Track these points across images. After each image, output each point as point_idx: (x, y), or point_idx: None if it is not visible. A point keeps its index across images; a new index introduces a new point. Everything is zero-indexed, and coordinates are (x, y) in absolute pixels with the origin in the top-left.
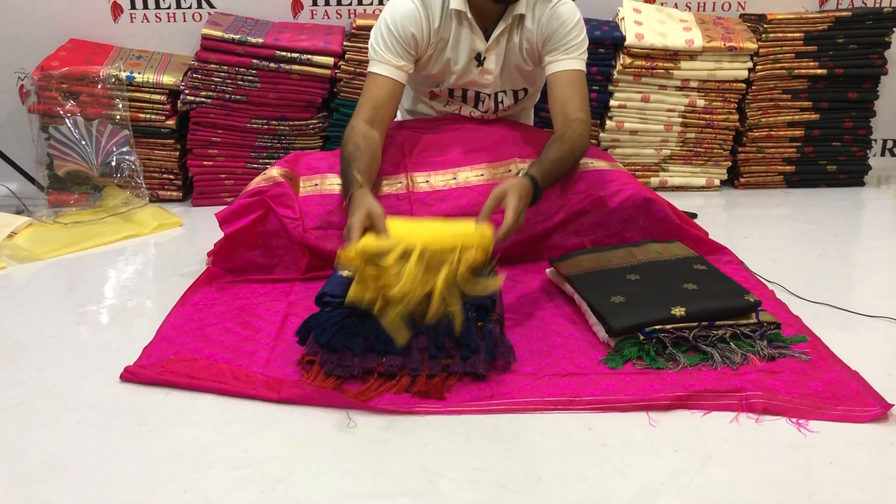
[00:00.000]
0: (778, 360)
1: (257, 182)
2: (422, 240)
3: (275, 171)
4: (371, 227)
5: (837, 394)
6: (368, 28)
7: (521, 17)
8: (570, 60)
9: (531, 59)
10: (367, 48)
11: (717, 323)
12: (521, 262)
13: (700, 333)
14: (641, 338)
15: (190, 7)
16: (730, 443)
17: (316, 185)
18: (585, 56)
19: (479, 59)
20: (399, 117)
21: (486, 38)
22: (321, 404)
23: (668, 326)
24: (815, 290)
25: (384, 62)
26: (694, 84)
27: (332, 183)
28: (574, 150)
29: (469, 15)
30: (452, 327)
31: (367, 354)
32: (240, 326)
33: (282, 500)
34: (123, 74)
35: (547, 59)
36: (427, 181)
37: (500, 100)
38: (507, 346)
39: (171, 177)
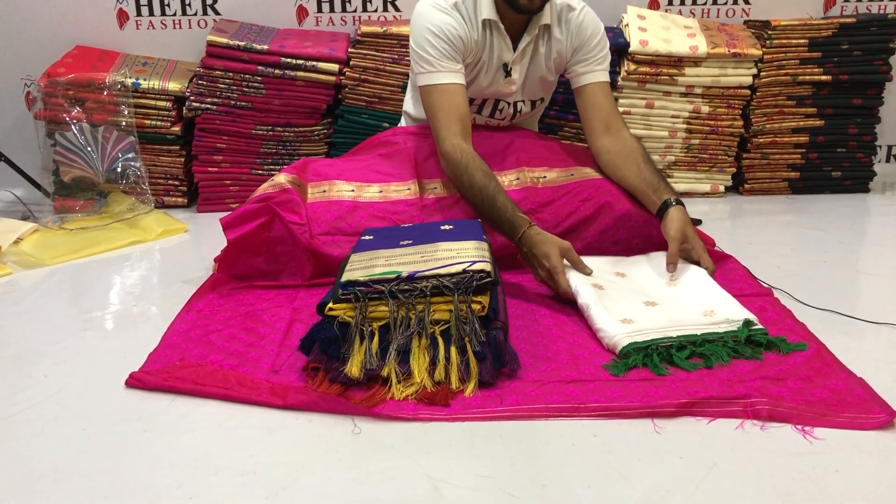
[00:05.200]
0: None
1: (264, 188)
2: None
3: (282, 178)
4: (566, 259)
5: (843, 401)
6: (373, 35)
7: (548, 27)
8: (602, 72)
9: (557, 68)
10: (371, 55)
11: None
12: (525, 269)
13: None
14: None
15: (195, 14)
16: (735, 450)
17: (324, 191)
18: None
19: (507, 70)
20: (402, 123)
21: (514, 49)
22: (326, 410)
23: (673, 335)
24: (820, 297)
25: (446, 70)
26: (698, 90)
27: (340, 189)
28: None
29: (500, 25)
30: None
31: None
32: (245, 332)
33: None
34: (129, 81)
35: (579, 69)
36: (435, 188)
37: (519, 109)
38: (511, 353)
39: (177, 183)
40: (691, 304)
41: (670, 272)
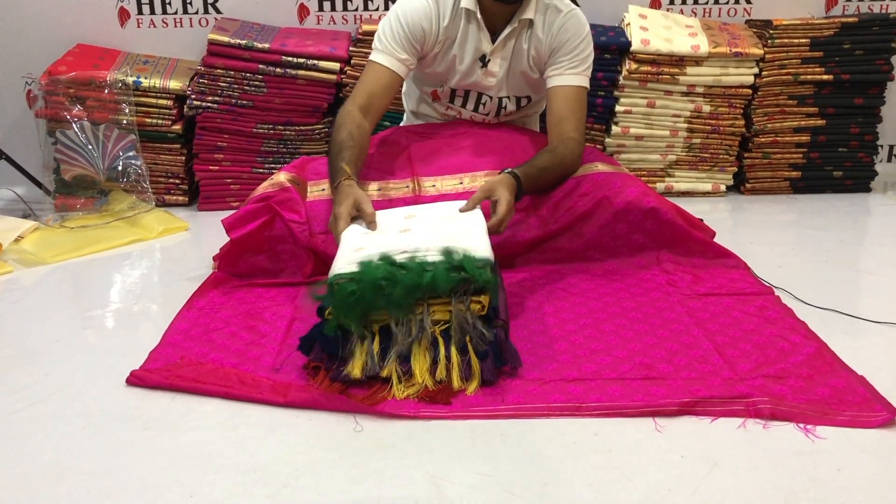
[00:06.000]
0: (781, 366)
1: (264, 187)
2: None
3: (282, 177)
4: (358, 214)
5: (844, 399)
6: (374, 34)
7: (531, 22)
8: (574, 76)
9: (537, 67)
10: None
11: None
12: (525, 266)
13: None
14: None
15: (196, 12)
16: (736, 449)
17: (323, 189)
18: (590, 72)
19: (484, 61)
20: (404, 119)
21: (494, 41)
22: (327, 408)
23: (397, 256)
24: (821, 296)
25: (387, 52)
26: (700, 90)
27: None
28: (563, 164)
29: (478, 15)
30: (458, 333)
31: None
32: (245, 331)
33: None
34: (130, 79)
35: (550, 70)
36: (434, 185)
37: (503, 105)
38: (512, 351)
39: (178, 181)
40: (441, 234)
41: (461, 210)
